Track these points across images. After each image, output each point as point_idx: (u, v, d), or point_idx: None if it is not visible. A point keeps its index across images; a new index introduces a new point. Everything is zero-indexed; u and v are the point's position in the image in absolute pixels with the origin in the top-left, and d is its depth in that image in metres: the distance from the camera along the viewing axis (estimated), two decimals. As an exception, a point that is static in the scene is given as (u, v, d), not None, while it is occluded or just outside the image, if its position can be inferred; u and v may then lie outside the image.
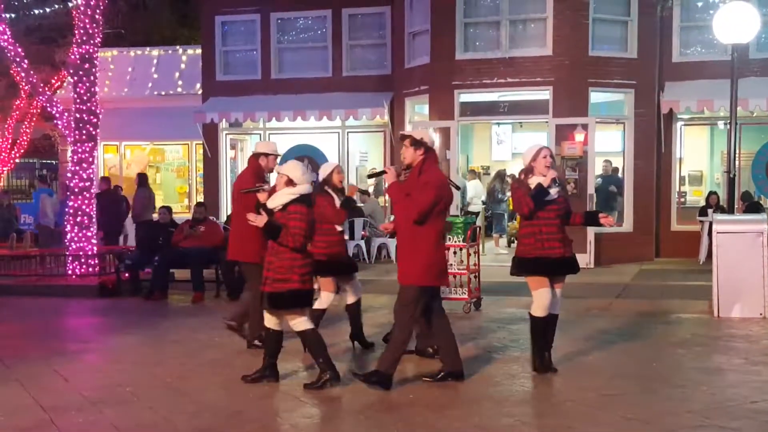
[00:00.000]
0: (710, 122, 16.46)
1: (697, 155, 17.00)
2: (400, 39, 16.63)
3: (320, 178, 7.95)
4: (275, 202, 6.53)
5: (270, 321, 6.71)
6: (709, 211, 14.29)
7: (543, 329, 6.87)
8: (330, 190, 7.81)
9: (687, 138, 16.49)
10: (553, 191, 6.76)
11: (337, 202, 7.77)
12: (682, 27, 15.87)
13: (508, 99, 15.57)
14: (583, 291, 10.90)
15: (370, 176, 7.63)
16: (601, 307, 10.42)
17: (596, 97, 15.27)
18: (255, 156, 8.08)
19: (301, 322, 6.61)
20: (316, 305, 7.67)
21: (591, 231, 14.08)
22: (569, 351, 7.62)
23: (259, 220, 6.43)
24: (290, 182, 6.51)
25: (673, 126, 16.01)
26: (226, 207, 18.18)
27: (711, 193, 15.37)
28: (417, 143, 6.42)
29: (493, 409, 5.97)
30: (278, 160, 8.18)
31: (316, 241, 6.97)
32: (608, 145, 16.13)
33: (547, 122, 14.96)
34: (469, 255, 9.81)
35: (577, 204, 14.16)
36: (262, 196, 6.79)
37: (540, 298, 6.80)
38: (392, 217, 15.95)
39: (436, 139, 7.09)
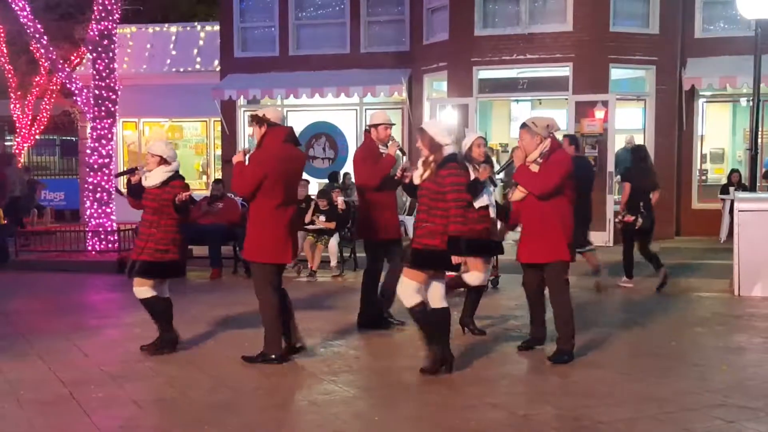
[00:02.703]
0: (733, 99, 16.26)
1: (718, 133, 16.80)
2: (419, 15, 16.51)
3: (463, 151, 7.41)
4: (152, 180, 6.91)
5: (141, 290, 6.99)
6: (731, 189, 14.16)
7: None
8: (469, 165, 7.21)
9: (709, 115, 16.30)
10: (415, 177, 6.32)
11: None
12: (705, 2, 15.66)
13: (527, 76, 15.45)
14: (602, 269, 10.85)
15: (227, 161, 7.60)
16: (620, 285, 10.36)
17: (617, 73, 15.12)
18: (367, 130, 7.81)
19: (147, 290, 6.98)
20: (470, 282, 7.37)
21: (610, 209, 13.99)
22: (587, 329, 7.58)
23: (185, 195, 6.83)
24: (163, 161, 6.92)
25: (695, 103, 15.83)
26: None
27: (733, 171, 15.21)
28: (259, 120, 6.50)
29: (509, 388, 5.96)
30: (389, 130, 7.75)
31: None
32: (629, 123, 15.97)
33: (566, 99, 14.83)
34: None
35: (597, 181, 14.05)
36: (134, 178, 7.07)
37: None
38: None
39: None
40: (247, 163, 6.54)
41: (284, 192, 6.45)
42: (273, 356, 6.56)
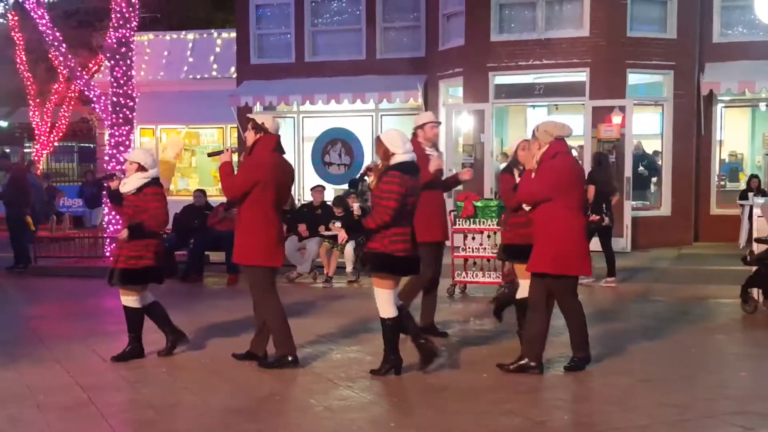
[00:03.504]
0: (751, 104, 16.15)
1: (737, 138, 16.69)
2: (435, 21, 16.51)
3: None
4: (128, 187, 6.95)
5: (128, 299, 7.05)
6: (750, 194, 14.03)
7: None
8: (515, 169, 7.15)
9: (727, 120, 16.19)
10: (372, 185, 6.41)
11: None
12: (723, 6, 15.54)
13: (543, 81, 15.39)
14: (619, 275, 10.81)
15: (210, 155, 7.70)
16: (639, 291, 10.30)
17: (634, 78, 15.04)
18: (413, 134, 7.64)
19: (133, 300, 7.04)
20: (518, 294, 7.22)
21: (628, 214, 13.92)
22: (605, 335, 7.55)
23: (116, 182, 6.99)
24: (141, 168, 6.93)
25: (713, 108, 15.72)
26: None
27: (752, 176, 15.09)
28: (257, 127, 6.66)
29: (527, 394, 5.93)
30: (437, 128, 7.73)
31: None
32: (646, 128, 15.88)
33: (583, 104, 14.77)
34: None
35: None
36: (113, 184, 7.12)
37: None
38: None
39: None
40: (231, 161, 6.72)
41: (275, 198, 6.58)
42: (289, 357, 6.58)
